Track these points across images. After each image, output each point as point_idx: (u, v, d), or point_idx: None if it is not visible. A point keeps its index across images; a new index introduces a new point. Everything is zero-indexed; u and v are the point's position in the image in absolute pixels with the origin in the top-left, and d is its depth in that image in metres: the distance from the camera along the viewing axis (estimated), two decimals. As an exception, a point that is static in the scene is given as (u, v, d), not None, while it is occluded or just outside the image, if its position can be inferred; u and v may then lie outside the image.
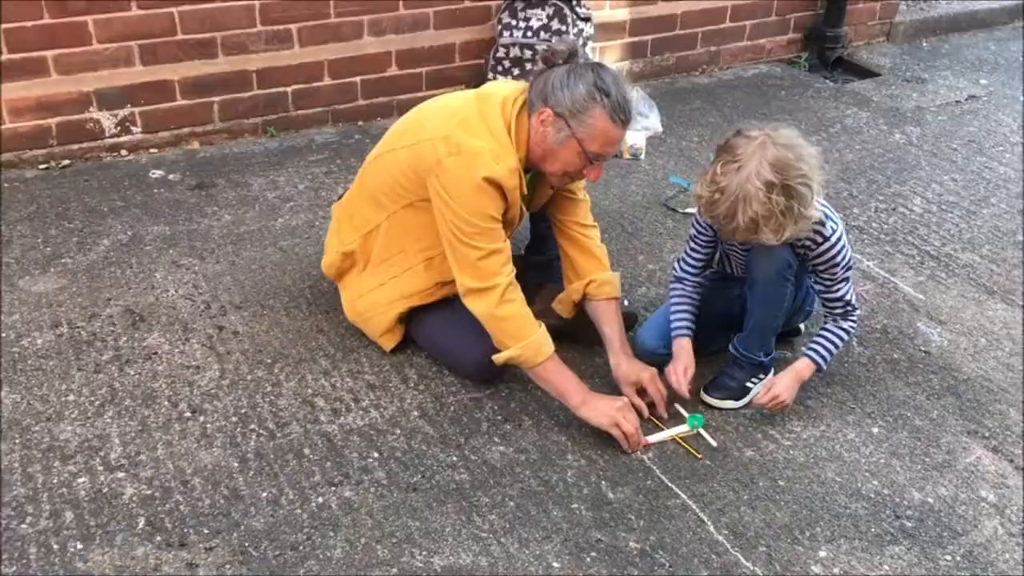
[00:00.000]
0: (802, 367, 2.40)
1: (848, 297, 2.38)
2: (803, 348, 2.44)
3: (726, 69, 4.78)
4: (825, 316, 2.44)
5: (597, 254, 2.56)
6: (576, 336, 2.63)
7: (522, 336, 2.30)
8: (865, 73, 4.86)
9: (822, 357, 2.39)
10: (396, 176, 2.40)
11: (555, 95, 2.23)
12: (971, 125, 4.25)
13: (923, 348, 2.75)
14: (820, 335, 2.42)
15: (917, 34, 5.31)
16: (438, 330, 2.53)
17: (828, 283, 2.37)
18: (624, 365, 2.46)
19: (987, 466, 2.33)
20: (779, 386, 2.36)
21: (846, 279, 2.36)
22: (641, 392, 2.44)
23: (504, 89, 2.35)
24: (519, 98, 2.31)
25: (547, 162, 2.32)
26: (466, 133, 2.26)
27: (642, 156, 3.80)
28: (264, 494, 2.16)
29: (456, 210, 2.25)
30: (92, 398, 2.42)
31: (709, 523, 2.14)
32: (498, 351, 2.33)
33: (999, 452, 2.37)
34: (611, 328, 2.51)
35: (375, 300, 2.54)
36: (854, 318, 2.41)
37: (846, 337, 2.41)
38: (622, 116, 2.23)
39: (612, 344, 2.49)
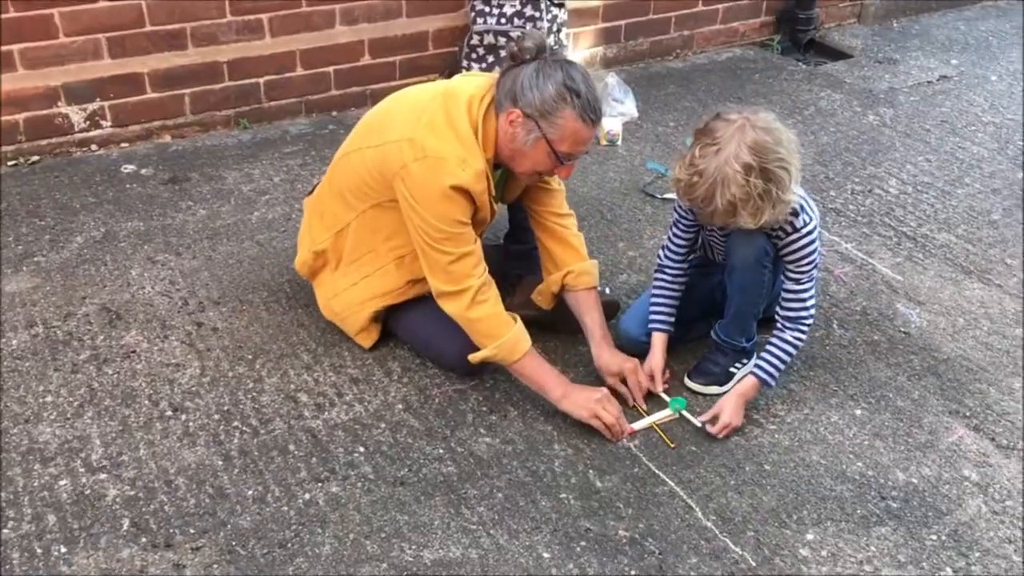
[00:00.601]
0: (748, 387, 2.36)
1: (805, 296, 2.32)
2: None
3: (700, 53, 4.77)
4: (775, 323, 2.37)
5: (574, 244, 2.55)
6: (556, 326, 2.62)
7: (497, 335, 2.29)
8: (837, 55, 4.88)
9: (769, 374, 2.34)
10: (363, 176, 2.37)
11: (524, 95, 2.19)
12: (943, 105, 4.28)
13: (903, 329, 2.77)
14: (767, 350, 2.36)
15: (888, 15, 5.33)
16: (419, 325, 2.52)
17: (794, 275, 2.32)
18: (605, 355, 2.46)
19: (969, 445, 2.35)
20: (726, 413, 2.32)
21: (811, 278, 2.32)
22: (624, 381, 2.44)
23: (471, 87, 2.31)
24: (486, 96, 2.27)
25: (516, 161, 2.30)
26: (431, 136, 2.22)
27: (619, 142, 3.79)
28: (250, 492, 2.14)
29: (424, 215, 2.23)
30: (71, 399, 2.38)
31: (697, 509, 2.14)
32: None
33: (980, 431, 2.40)
34: (591, 318, 2.50)
35: (349, 299, 2.52)
36: (804, 326, 2.34)
37: (793, 351, 2.35)
38: (592, 115, 2.20)
39: (593, 335, 2.49)
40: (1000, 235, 3.25)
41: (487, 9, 3.87)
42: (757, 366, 2.36)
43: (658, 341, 2.49)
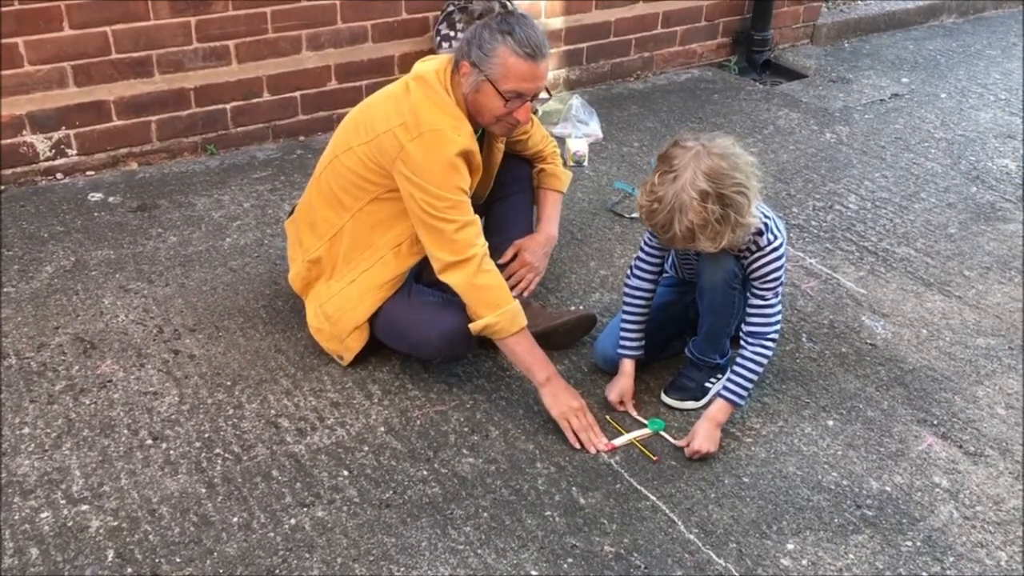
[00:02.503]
0: (717, 411, 2.36)
1: (770, 312, 2.34)
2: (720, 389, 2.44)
3: (659, 74, 4.86)
4: (740, 339, 2.41)
5: (547, 161, 2.83)
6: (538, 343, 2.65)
7: (499, 304, 2.36)
8: (792, 75, 4.99)
9: (736, 394, 2.35)
10: (360, 172, 2.44)
11: (469, 48, 2.34)
12: (896, 123, 4.40)
13: (869, 341, 2.84)
14: (733, 370, 2.38)
15: (839, 35, 5.47)
16: (396, 317, 2.52)
17: (758, 292, 2.35)
18: (529, 239, 2.73)
19: (938, 453, 2.42)
20: (697, 440, 2.33)
21: (776, 294, 2.35)
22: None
23: (433, 64, 2.45)
24: (448, 66, 2.41)
25: (480, 114, 2.42)
26: (421, 115, 2.34)
27: (585, 163, 3.85)
28: (235, 519, 2.13)
29: (427, 188, 2.33)
30: (48, 430, 2.36)
31: (679, 523, 2.18)
32: (464, 324, 2.39)
33: (948, 439, 2.47)
34: (541, 209, 2.83)
35: (347, 296, 2.52)
36: (768, 342, 2.36)
37: (758, 368, 2.36)
38: (527, 49, 2.30)
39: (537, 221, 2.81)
40: (957, 248, 3.36)
41: (452, 33, 3.92)
42: (725, 388, 2.38)
43: (628, 367, 2.51)
